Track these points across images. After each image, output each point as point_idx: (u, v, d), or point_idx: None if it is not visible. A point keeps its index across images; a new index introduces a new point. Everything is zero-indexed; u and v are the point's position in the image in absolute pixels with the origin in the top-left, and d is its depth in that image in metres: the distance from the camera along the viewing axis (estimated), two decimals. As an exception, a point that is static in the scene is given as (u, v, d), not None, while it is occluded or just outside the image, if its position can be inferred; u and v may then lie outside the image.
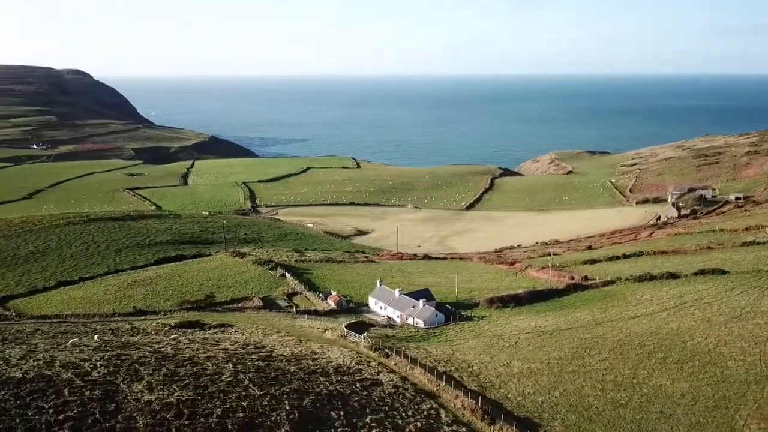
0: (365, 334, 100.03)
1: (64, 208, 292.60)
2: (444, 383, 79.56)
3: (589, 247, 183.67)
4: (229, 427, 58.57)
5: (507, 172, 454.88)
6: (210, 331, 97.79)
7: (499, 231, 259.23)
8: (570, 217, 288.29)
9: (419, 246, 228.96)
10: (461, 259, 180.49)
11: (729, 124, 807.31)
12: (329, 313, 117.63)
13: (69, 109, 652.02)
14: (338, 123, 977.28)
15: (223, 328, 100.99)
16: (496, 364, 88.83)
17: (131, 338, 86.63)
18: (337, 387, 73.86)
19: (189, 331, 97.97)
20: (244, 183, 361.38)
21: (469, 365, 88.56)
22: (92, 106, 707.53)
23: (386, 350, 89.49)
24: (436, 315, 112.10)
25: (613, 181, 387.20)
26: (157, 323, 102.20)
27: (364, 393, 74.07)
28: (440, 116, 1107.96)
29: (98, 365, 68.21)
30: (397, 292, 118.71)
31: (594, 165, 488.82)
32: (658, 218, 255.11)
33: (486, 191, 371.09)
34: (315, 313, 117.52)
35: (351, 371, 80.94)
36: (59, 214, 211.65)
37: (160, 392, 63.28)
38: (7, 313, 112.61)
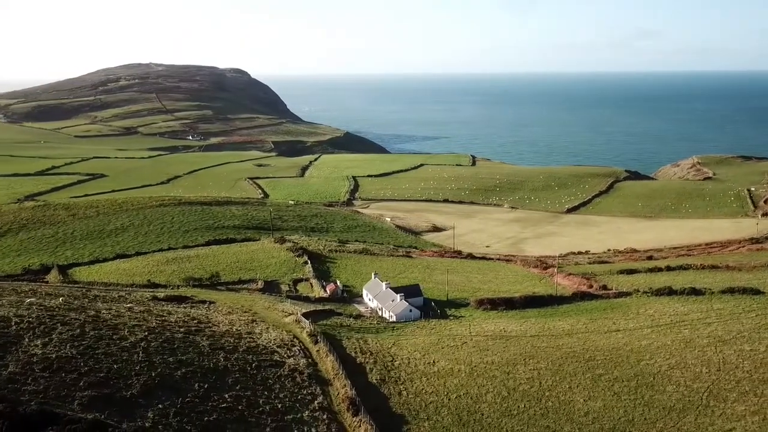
0: (324, 321, 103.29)
1: (189, 192, 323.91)
2: (343, 372, 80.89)
3: (650, 258, 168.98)
4: (81, 384, 65.69)
5: (634, 176, 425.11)
6: (183, 305, 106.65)
7: (583, 236, 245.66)
8: (674, 225, 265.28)
9: (488, 246, 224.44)
10: (507, 261, 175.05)
11: None
12: (318, 301, 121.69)
13: (224, 104, 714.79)
14: (477, 121, 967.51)
15: (201, 304, 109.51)
16: (420, 362, 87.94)
17: (100, 304, 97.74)
18: (228, 364, 78.44)
19: (169, 303, 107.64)
20: (354, 177, 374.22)
21: (392, 359, 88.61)
22: (246, 102, 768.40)
23: (317, 337, 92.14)
24: (410, 310, 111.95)
25: (752, 190, 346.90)
26: (150, 295, 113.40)
27: (253, 372, 77.90)
28: (591, 116, 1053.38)
29: (24, 321, 79.01)
30: (383, 285, 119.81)
31: (742, 172, 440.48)
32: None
33: (599, 194, 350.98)
34: (306, 299, 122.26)
35: (263, 352, 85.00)
36: (157, 197, 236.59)
37: (51, 348, 72.08)
38: (46, 280, 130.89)
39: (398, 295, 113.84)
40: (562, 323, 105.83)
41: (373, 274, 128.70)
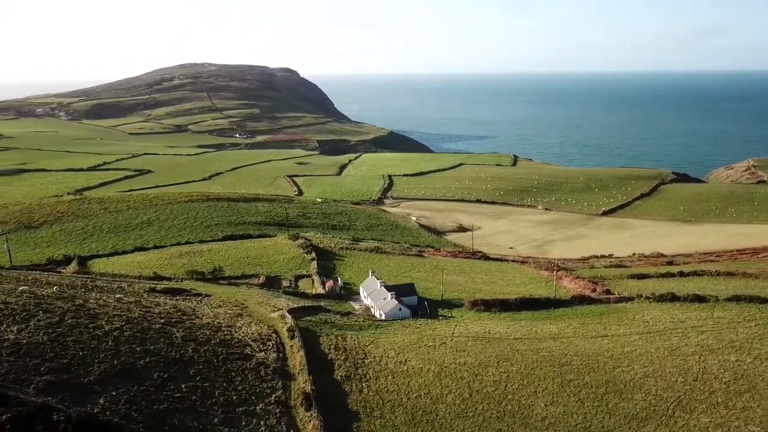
0: (309, 317, 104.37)
1: (227, 188, 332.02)
2: (308, 368, 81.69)
3: (670, 263, 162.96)
4: (42, 369, 68.66)
5: (681, 178, 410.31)
6: (177, 298, 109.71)
7: (613, 240, 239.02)
8: (714, 230, 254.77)
9: (511, 248, 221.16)
10: (522, 262, 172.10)
11: None
12: (315, 297, 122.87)
13: (272, 103, 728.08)
14: (528, 121, 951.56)
15: (195, 297, 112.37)
16: (392, 360, 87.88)
17: (92, 294, 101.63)
18: (195, 355, 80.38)
19: (164, 295, 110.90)
20: (389, 176, 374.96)
21: (365, 357, 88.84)
22: (294, 101, 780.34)
23: (294, 332, 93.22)
24: (400, 309, 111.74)
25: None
26: (149, 287, 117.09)
27: (218, 364, 79.60)
28: (648, 116, 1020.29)
29: (9, 308, 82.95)
30: (378, 283, 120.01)
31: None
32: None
33: (641, 197, 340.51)
34: (303, 295, 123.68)
35: (236, 345, 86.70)
36: (186, 193, 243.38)
37: (24, 335, 75.48)
38: (59, 270, 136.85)
39: (390, 294, 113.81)
40: (551, 327, 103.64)
41: (370, 272, 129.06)
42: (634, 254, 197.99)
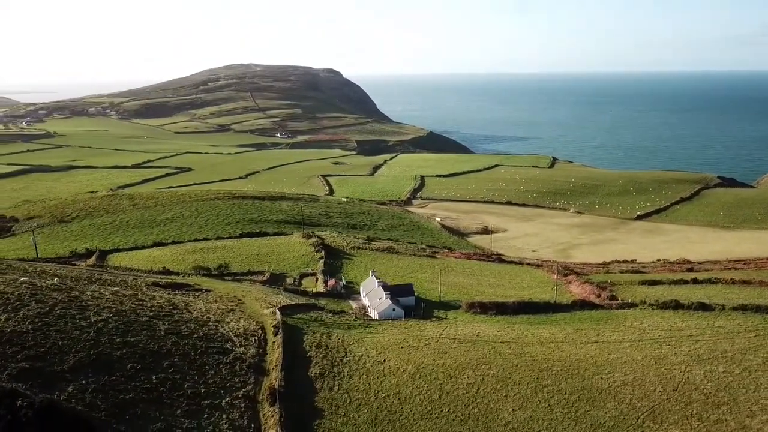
0: (300, 315, 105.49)
1: (262, 186, 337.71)
2: (282, 363, 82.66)
3: (690, 269, 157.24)
4: (20, 356, 71.64)
5: (727, 183, 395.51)
6: (176, 292, 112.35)
7: (642, 245, 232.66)
8: (753, 237, 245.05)
9: (534, 251, 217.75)
10: (538, 266, 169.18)
11: None
12: (314, 295, 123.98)
13: (314, 103, 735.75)
14: (573, 123, 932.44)
15: (195, 292, 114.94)
16: (371, 360, 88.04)
17: (92, 286, 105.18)
18: (174, 348, 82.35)
19: (165, 290, 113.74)
20: (422, 176, 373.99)
21: (344, 355, 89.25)
22: (336, 101, 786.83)
23: (279, 329, 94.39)
24: (393, 309, 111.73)
25: None
26: (153, 281, 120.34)
27: (194, 358, 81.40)
28: (703, 119, 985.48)
29: (3, 297, 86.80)
30: (376, 283, 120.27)
31: None
32: None
33: (680, 202, 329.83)
34: (303, 293, 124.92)
35: (218, 339, 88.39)
36: (214, 191, 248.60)
37: (10, 323, 78.60)
38: (78, 263, 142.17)
39: (385, 294, 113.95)
40: (543, 331, 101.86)
41: (371, 271, 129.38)
42: (658, 260, 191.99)
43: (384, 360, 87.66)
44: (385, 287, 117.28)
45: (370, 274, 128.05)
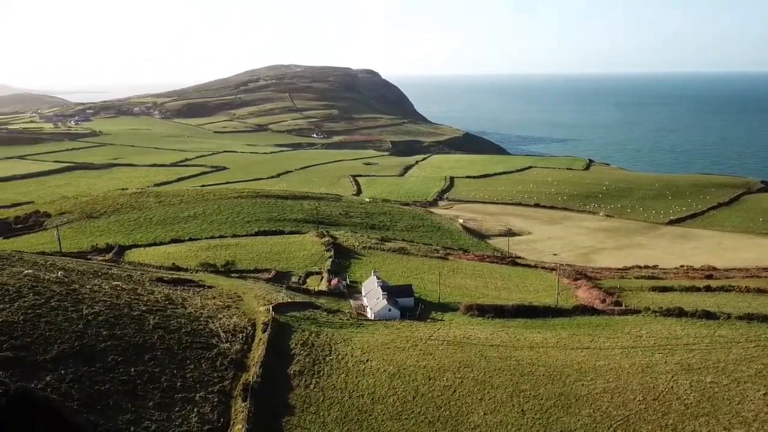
0: (294, 313, 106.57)
1: (292, 186, 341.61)
2: (262, 360, 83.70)
3: (710, 276, 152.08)
4: (5, 346, 74.49)
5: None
6: (178, 287, 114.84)
7: (670, 250, 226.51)
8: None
9: (555, 254, 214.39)
10: (552, 269, 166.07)
11: None
12: (316, 294, 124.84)
13: (350, 104, 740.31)
14: (615, 125, 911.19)
15: (197, 288, 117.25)
16: (355, 359, 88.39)
17: (94, 280, 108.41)
18: (159, 342, 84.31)
19: (168, 285, 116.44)
20: (451, 177, 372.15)
21: (328, 353, 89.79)
22: (372, 102, 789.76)
23: (268, 326, 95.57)
24: (389, 310, 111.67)
25: None
26: (158, 276, 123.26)
27: (177, 352, 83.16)
28: (756, 121, 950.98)
29: (2, 289, 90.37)
30: (376, 283, 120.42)
31: None
32: None
33: (717, 207, 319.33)
34: (305, 291, 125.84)
35: (205, 335, 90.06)
36: (238, 189, 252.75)
37: (4, 314, 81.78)
38: (91, 258, 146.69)
39: (383, 294, 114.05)
40: (537, 335, 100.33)
41: (372, 271, 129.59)
42: (681, 266, 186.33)
43: (367, 360, 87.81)
44: (384, 287, 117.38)
45: (372, 273, 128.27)
